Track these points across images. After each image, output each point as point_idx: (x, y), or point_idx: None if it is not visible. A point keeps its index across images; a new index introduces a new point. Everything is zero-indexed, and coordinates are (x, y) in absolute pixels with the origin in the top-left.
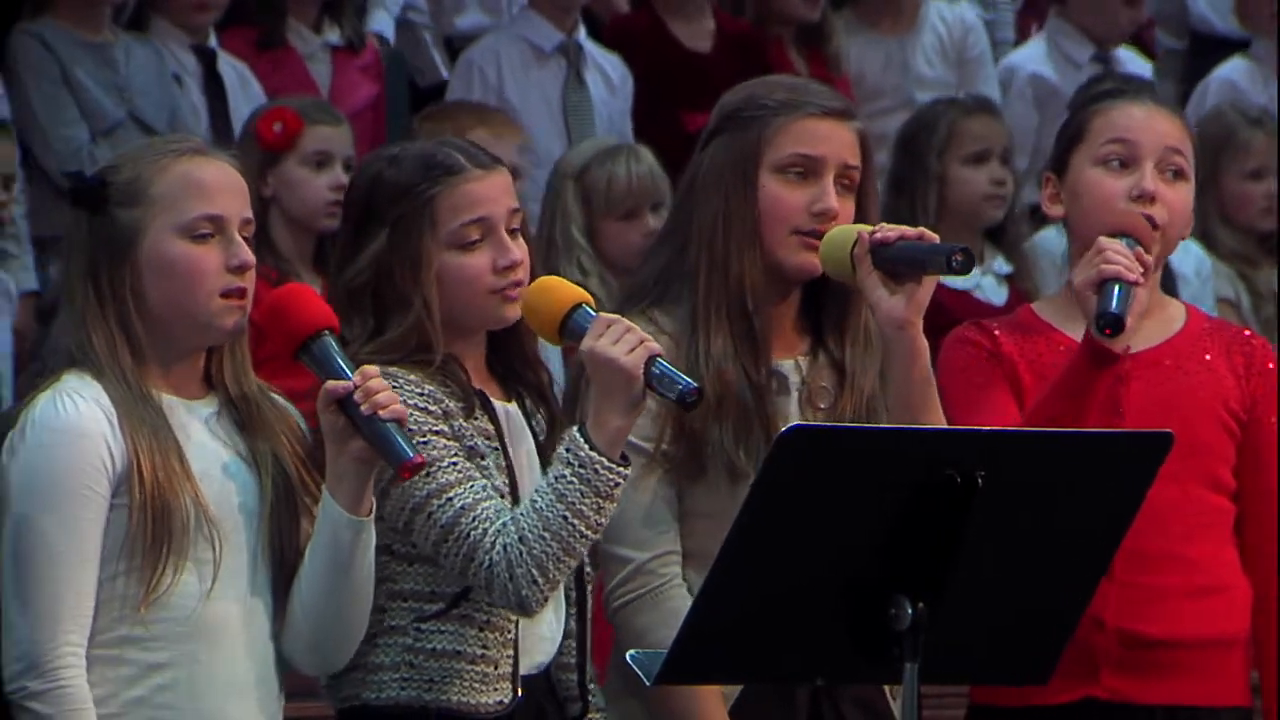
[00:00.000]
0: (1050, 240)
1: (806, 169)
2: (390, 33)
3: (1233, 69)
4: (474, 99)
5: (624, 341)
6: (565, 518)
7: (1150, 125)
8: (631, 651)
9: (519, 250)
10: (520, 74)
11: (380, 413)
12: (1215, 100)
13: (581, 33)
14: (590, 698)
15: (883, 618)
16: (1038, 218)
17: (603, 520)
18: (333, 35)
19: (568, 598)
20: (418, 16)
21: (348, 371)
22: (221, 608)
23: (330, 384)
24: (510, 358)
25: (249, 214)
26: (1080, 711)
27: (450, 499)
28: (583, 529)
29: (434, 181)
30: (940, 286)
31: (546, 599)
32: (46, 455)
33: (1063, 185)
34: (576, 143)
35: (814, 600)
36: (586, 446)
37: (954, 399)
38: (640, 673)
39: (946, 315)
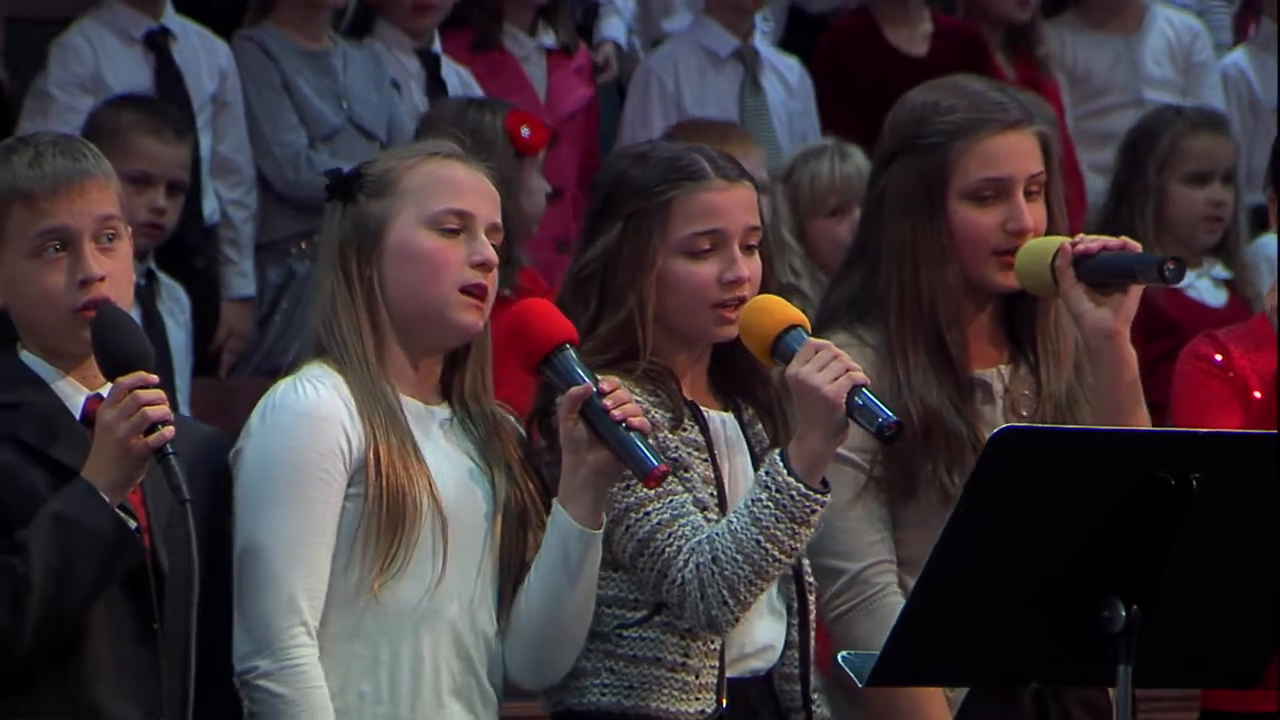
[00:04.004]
0: (1269, 246)
1: (996, 190)
2: (623, 38)
3: None
4: (652, 108)
5: (829, 369)
6: (759, 541)
7: None
8: (843, 653)
9: (748, 268)
10: (696, 81)
11: (632, 421)
12: None
13: (757, 37)
14: (814, 708)
15: (1095, 620)
16: (1258, 221)
17: (798, 545)
18: (547, 38)
19: (789, 609)
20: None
21: (591, 380)
22: (448, 605)
23: (574, 389)
24: (736, 370)
25: (498, 221)
26: None
27: (648, 513)
28: (776, 553)
29: (674, 184)
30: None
31: (737, 619)
32: (286, 437)
33: None
34: None
35: (1025, 602)
36: (785, 471)
37: (1180, 412)
38: (852, 675)
39: (1161, 313)
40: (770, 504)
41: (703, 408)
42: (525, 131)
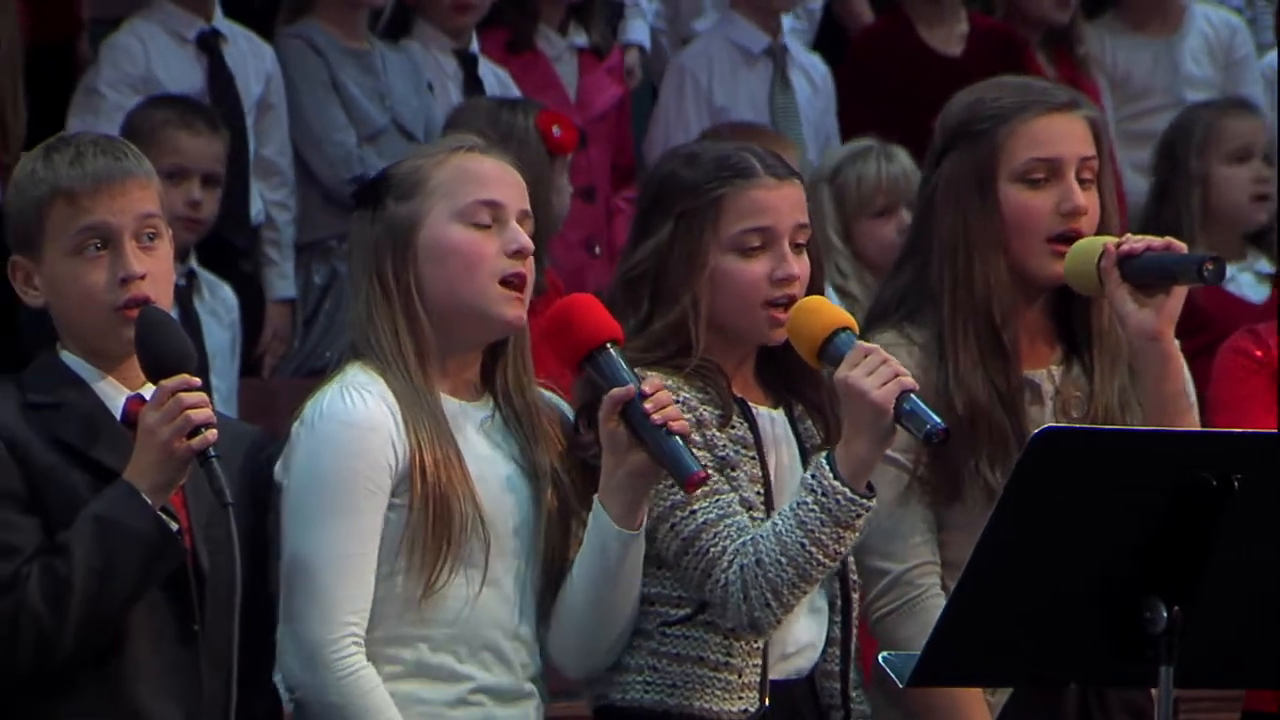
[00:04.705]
0: None
1: (1047, 172)
2: (647, 41)
3: None
4: (685, 104)
5: (877, 374)
6: (803, 545)
7: None
8: (884, 654)
9: (798, 266)
10: (729, 78)
11: (672, 425)
12: None
13: (785, 35)
14: (853, 705)
15: (1137, 620)
16: None
17: (842, 550)
18: (579, 38)
19: (832, 605)
20: (656, 21)
21: (635, 380)
22: (490, 609)
23: (616, 390)
24: (786, 368)
25: (527, 207)
26: None
27: (693, 512)
28: (821, 557)
29: (724, 182)
30: None
31: (779, 622)
32: (334, 447)
33: None
34: None
35: (1067, 602)
36: (831, 475)
37: (1219, 407)
38: (893, 675)
39: (1201, 310)
40: (815, 507)
41: (752, 404)
42: (556, 131)
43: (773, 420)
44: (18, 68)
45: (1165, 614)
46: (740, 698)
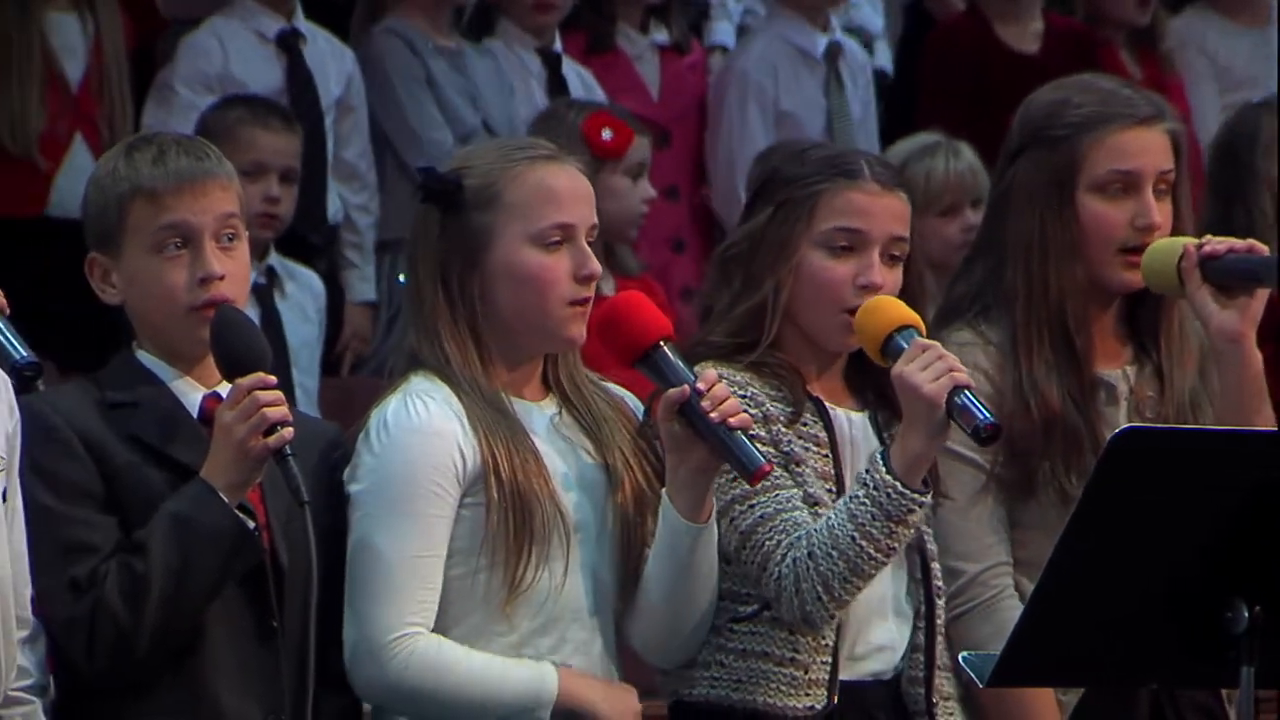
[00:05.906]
0: None
1: (1126, 184)
2: (732, 42)
3: None
4: (750, 111)
5: (931, 369)
6: (854, 538)
7: None
8: (964, 653)
9: (885, 278)
10: (792, 83)
11: (730, 420)
12: None
13: (837, 31)
14: (937, 714)
15: (1217, 621)
16: None
17: (894, 545)
18: (660, 35)
19: (916, 611)
20: (745, 20)
21: (690, 378)
22: (569, 604)
23: (671, 392)
24: (874, 375)
25: (595, 219)
26: None
27: (752, 506)
28: (871, 551)
29: (827, 179)
30: None
31: (832, 616)
32: (400, 454)
33: None
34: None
35: (1147, 603)
36: (883, 470)
37: None
38: (974, 675)
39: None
40: (867, 501)
41: (831, 405)
42: (607, 134)
43: (850, 422)
44: (124, 69)
45: (1246, 614)
46: (807, 694)
